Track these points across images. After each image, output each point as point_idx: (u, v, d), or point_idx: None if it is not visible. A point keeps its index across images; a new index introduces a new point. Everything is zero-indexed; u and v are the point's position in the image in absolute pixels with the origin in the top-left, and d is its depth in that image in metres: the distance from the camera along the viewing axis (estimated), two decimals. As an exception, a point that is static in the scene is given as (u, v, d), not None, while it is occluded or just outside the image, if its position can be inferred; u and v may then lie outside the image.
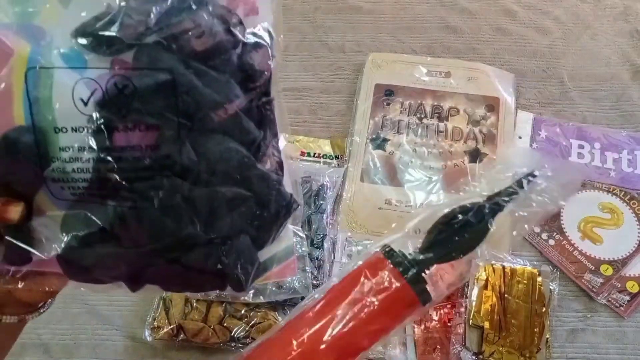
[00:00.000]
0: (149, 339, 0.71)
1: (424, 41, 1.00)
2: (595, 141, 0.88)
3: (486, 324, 0.69)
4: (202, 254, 0.36)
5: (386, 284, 0.38)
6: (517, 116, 0.90)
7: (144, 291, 0.38)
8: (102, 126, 0.32)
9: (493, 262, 0.74)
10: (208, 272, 0.37)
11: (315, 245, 0.77)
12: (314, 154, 0.88)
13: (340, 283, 0.40)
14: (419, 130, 0.89)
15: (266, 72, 0.36)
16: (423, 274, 0.39)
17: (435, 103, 0.91)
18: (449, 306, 0.73)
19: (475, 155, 0.86)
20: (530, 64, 0.97)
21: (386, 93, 0.92)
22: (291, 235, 0.42)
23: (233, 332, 0.70)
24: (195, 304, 0.72)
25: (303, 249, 0.72)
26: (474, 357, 0.68)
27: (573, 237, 0.80)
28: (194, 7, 0.32)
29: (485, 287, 0.72)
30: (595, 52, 0.99)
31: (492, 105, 0.90)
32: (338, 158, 0.88)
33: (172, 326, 0.71)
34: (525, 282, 0.72)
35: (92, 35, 0.31)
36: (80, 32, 0.31)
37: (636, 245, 0.79)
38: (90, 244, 0.35)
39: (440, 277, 0.40)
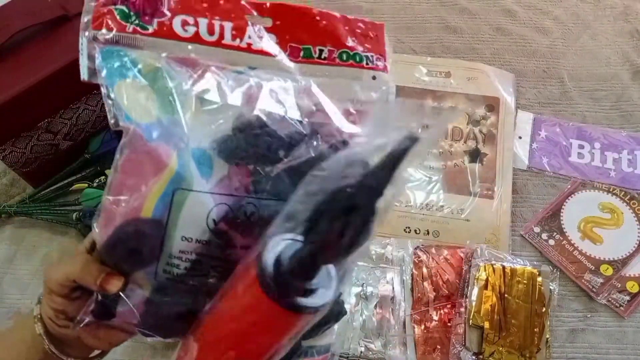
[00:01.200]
0: (149, 339, 0.71)
1: (424, 41, 1.00)
2: (595, 141, 0.88)
3: (486, 324, 0.69)
4: None
5: (253, 298, 0.33)
6: (517, 116, 0.90)
7: None
8: (224, 242, 0.37)
9: (493, 262, 0.74)
10: None
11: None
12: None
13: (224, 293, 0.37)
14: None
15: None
16: (292, 286, 0.32)
17: (436, 103, 0.91)
18: (449, 306, 0.73)
19: (475, 155, 0.86)
20: (530, 64, 0.97)
21: (386, 93, 0.92)
22: (334, 334, 0.46)
23: (233, 332, 0.70)
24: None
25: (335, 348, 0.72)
26: (474, 357, 0.68)
27: (573, 237, 0.80)
28: (321, 143, 0.37)
29: (485, 287, 0.72)
30: (595, 52, 0.99)
31: (492, 105, 0.90)
32: (338, 158, 0.87)
33: (172, 326, 0.71)
34: (525, 282, 0.72)
35: (228, 150, 0.36)
36: (219, 145, 0.36)
37: (636, 245, 0.79)
38: (169, 318, 0.40)
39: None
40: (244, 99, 0.37)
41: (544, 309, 0.71)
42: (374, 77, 0.40)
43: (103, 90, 0.37)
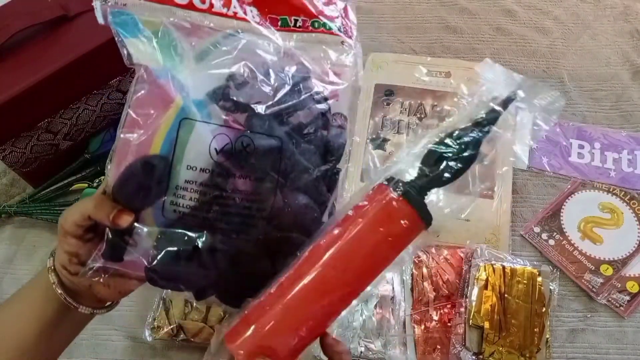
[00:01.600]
0: (149, 339, 0.71)
1: (424, 41, 1.00)
2: (595, 141, 0.88)
3: (486, 324, 0.69)
4: (265, 283, 0.42)
5: (392, 210, 0.41)
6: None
7: (205, 302, 0.46)
8: (224, 171, 0.41)
9: (493, 262, 0.74)
10: None
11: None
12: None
13: (347, 217, 0.42)
14: (419, 131, 0.89)
15: (341, 150, 0.46)
16: (424, 198, 0.44)
17: (435, 103, 0.91)
18: (449, 306, 0.73)
19: (475, 155, 0.86)
20: (530, 63, 0.97)
21: (386, 93, 0.92)
22: None
23: (233, 332, 0.70)
24: (195, 304, 0.72)
25: None
26: (474, 357, 0.68)
27: (573, 237, 0.80)
28: (303, 92, 0.43)
29: (485, 287, 0.72)
30: (595, 52, 0.99)
31: (492, 105, 0.90)
32: (338, 158, 0.88)
33: (172, 326, 0.71)
34: (525, 282, 0.72)
35: (222, 93, 0.41)
36: (215, 93, 0.41)
37: (636, 245, 0.79)
38: (175, 260, 0.42)
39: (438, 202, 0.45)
40: (235, 56, 0.42)
41: (544, 309, 0.71)
42: (342, 43, 0.46)
43: (115, 34, 0.42)
